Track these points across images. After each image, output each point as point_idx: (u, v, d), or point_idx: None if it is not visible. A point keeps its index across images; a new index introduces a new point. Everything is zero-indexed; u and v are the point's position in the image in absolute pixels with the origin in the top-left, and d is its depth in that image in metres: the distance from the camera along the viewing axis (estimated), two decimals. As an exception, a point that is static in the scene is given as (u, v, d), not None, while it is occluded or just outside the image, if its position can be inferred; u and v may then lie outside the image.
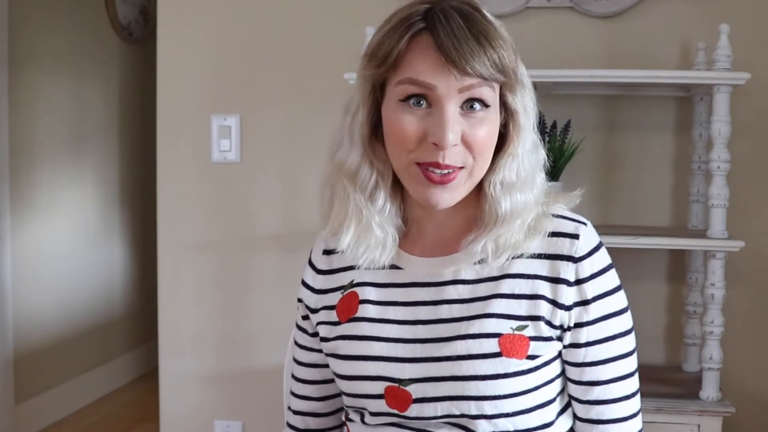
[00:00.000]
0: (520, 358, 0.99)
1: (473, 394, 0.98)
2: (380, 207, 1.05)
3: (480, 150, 0.98)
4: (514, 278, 1.02)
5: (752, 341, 2.16)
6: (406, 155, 0.99)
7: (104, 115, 3.88)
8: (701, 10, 2.11)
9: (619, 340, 1.03)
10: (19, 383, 3.26)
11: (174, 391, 2.39)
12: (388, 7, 1.06)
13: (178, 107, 2.34)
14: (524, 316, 1.01)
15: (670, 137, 2.17)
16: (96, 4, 3.76)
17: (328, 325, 1.11)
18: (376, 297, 1.08)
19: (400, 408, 1.02)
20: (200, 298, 2.37)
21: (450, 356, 1.00)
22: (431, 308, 1.04)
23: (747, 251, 1.94)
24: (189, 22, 2.33)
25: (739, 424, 2.08)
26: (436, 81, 0.95)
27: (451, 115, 0.96)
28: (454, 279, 1.04)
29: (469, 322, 1.01)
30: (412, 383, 1.01)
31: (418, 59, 0.97)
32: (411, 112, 0.98)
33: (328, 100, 2.25)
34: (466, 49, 0.94)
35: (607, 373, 1.03)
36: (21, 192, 3.28)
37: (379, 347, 1.04)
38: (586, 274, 1.02)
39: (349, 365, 1.06)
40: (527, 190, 1.03)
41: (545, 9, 2.16)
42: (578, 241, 1.02)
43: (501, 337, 0.99)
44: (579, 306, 1.02)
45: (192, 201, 2.36)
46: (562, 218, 1.05)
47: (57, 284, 3.52)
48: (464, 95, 0.96)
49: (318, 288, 1.15)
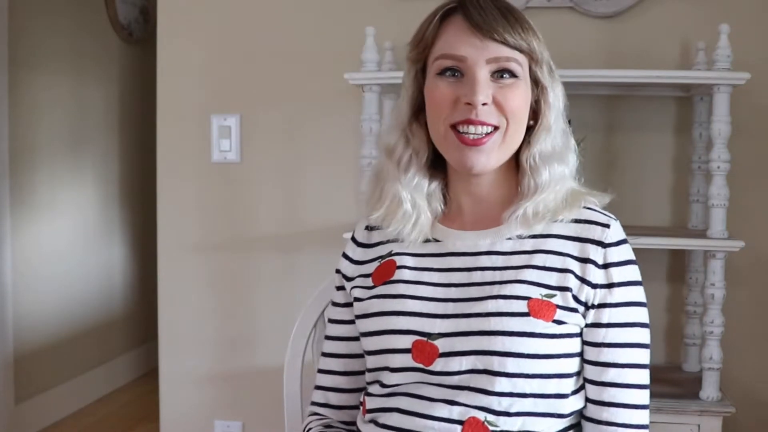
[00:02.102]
0: (547, 320, 1.04)
1: (498, 349, 1.03)
2: (412, 182, 1.13)
3: (512, 111, 1.07)
4: (546, 254, 1.09)
5: (752, 341, 2.16)
6: (443, 121, 1.08)
7: (104, 115, 3.88)
8: (701, 10, 2.11)
9: (638, 329, 1.08)
10: (19, 383, 3.26)
11: (174, 391, 2.39)
12: (388, 7, 1.08)
13: (178, 107, 2.34)
14: (553, 286, 1.07)
15: (670, 137, 2.17)
16: (96, 4, 3.76)
17: (362, 289, 1.17)
18: (413, 264, 1.14)
19: (425, 362, 1.06)
20: (200, 298, 2.37)
21: (480, 313, 1.06)
22: (465, 273, 1.10)
23: (747, 251, 1.94)
24: (189, 22, 2.33)
25: (739, 424, 2.08)
26: (465, 52, 1.06)
27: (481, 77, 1.06)
28: (489, 250, 1.11)
29: (501, 285, 1.07)
30: (441, 337, 1.06)
31: (450, 36, 1.08)
32: (446, 82, 1.08)
33: (328, 100, 2.25)
34: (491, 18, 1.06)
35: (624, 356, 1.07)
36: (21, 192, 3.28)
37: (412, 304, 1.10)
38: (614, 260, 1.08)
39: (380, 320, 1.11)
40: (562, 163, 1.12)
41: (545, 9, 2.16)
42: (609, 230, 1.10)
43: (530, 300, 1.05)
44: (604, 288, 1.08)
45: (192, 201, 2.36)
46: (594, 210, 1.13)
47: (57, 284, 3.52)
48: (492, 66, 1.06)
49: (356, 259, 1.22)
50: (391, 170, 1.15)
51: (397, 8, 2.14)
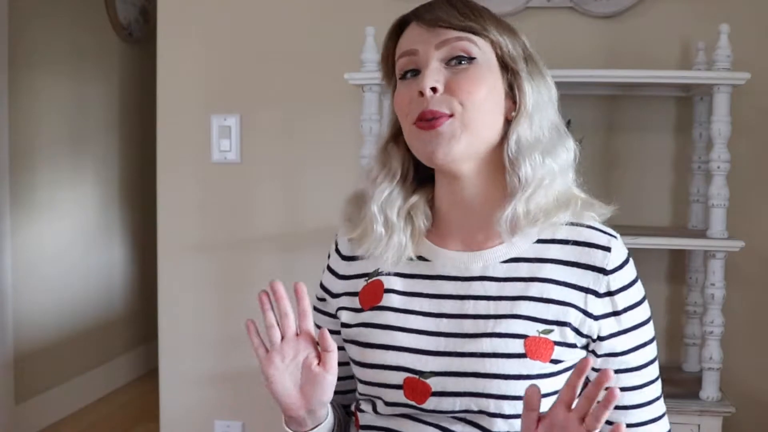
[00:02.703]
0: (544, 361, 1.00)
1: (494, 392, 0.99)
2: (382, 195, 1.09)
3: (466, 94, 1.02)
4: (543, 282, 1.04)
5: (752, 341, 2.16)
6: (407, 121, 1.05)
7: (104, 115, 3.88)
8: (701, 10, 2.11)
9: (644, 348, 1.06)
10: (19, 383, 3.26)
11: (174, 391, 2.39)
12: (388, 7, 1.09)
13: (178, 107, 2.34)
14: (551, 321, 1.02)
15: (670, 137, 2.17)
16: (96, 4, 3.76)
17: (349, 311, 1.13)
18: (402, 287, 1.09)
19: (417, 400, 1.03)
20: (200, 298, 2.37)
21: (474, 353, 1.01)
22: (457, 302, 1.05)
23: (747, 251, 1.94)
24: (189, 22, 2.33)
25: (739, 424, 2.08)
26: (415, 45, 1.05)
27: (431, 65, 1.03)
28: (481, 275, 1.06)
29: (496, 321, 1.02)
30: (433, 376, 1.02)
31: (404, 39, 1.08)
32: (406, 84, 1.06)
33: (328, 100, 2.25)
34: (436, 9, 1.05)
35: (633, 380, 1.06)
36: (21, 192, 3.28)
37: (402, 337, 1.05)
38: (617, 286, 1.04)
39: (370, 353, 1.07)
40: (549, 156, 1.05)
41: (545, 9, 2.15)
42: (610, 254, 1.04)
43: (527, 338, 1.01)
44: (609, 317, 1.04)
45: (192, 201, 2.36)
46: (594, 229, 1.07)
47: (57, 284, 3.52)
48: (444, 51, 1.04)
49: (342, 273, 1.17)
50: (369, 191, 1.11)
51: (397, 8, 2.13)
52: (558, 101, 1.11)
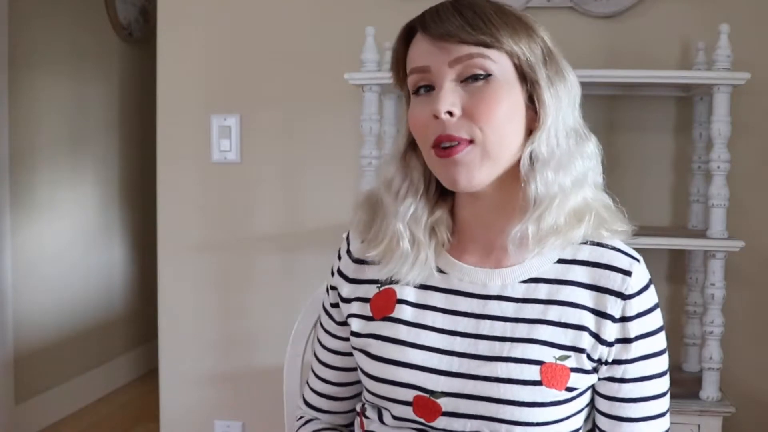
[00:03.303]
0: (560, 389, 0.98)
1: (507, 418, 0.97)
2: (408, 212, 1.04)
3: (485, 119, 0.96)
4: (562, 305, 1.00)
5: (752, 341, 2.16)
6: (426, 144, 1.00)
7: (104, 115, 3.88)
8: (701, 10, 2.11)
9: (654, 380, 1.03)
10: (19, 383, 3.26)
11: (174, 391, 2.39)
12: (388, 7, 1.07)
13: (178, 107, 2.34)
14: (568, 347, 0.99)
15: (670, 137, 2.17)
16: (96, 4, 3.76)
17: (360, 319, 1.09)
18: (415, 299, 1.06)
19: (427, 418, 1.00)
20: (200, 298, 2.37)
21: (489, 377, 0.98)
22: (473, 321, 1.02)
23: (747, 251, 1.94)
24: (189, 22, 2.33)
25: (739, 424, 2.08)
26: (427, 61, 0.99)
27: (445, 85, 0.97)
28: (499, 294, 1.02)
29: (512, 345, 0.99)
30: (445, 396, 0.99)
31: (414, 51, 1.02)
32: (421, 100, 1.01)
33: (328, 100, 2.25)
34: (444, 19, 0.98)
35: (638, 411, 1.02)
36: (21, 192, 3.28)
37: (413, 354, 1.02)
38: (633, 312, 1.01)
39: (380, 367, 1.04)
40: (562, 171, 1.00)
41: (545, 9, 2.16)
42: (630, 278, 1.01)
43: (543, 365, 0.98)
44: (620, 343, 1.01)
45: (192, 201, 2.36)
46: (616, 251, 1.04)
47: (57, 284, 3.52)
48: (458, 68, 0.98)
49: (352, 277, 1.12)
50: (390, 204, 1.05)
51: (397, 8, 2.14)
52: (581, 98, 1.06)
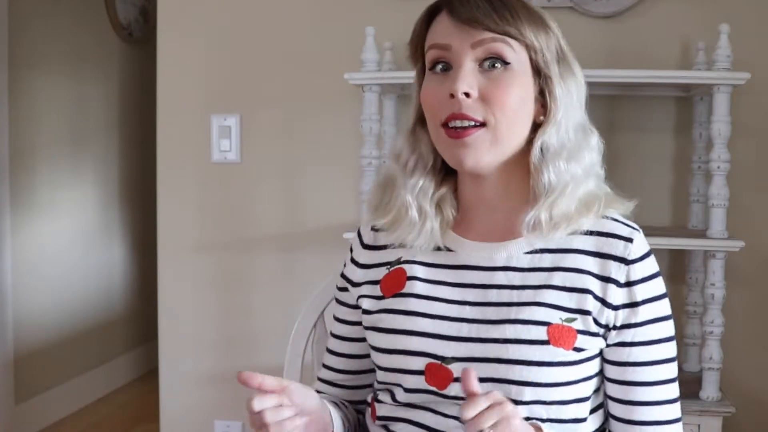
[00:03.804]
0: (567, 348, 1.00)
1: (517, 378, 0.99)
2: (416, 186, 1.09)
3: (501, 106, 1.01)
4: (566, 272, 1.04)
5: (752, 341, 2.16)
6: (435, 120, 1.04)
7: (104, 115, 3.88)
8: (701, 10, 2.11)
9: (664, 344, 1.06)
10: (19, 383, 3.26)
11: (174, 391, 2.39)
12: (388, 7, 1.08)
13: (178, 107, 2.34)
14: (574, 309, 1.02)
15: (670, 137, 2.17)
16: (96, 4, 3.75)
17: (370, 299, 1.13)
18: (425, 275, 1.09)
19: (439, 386, 1.03)
20: (200, 298, 2.37)
21: (497, 338, 1.01)
22: (480, 291, 1.06)
23: (747, 251, 1.94)
24: (189, 22, 2.33)
25: (739, 424, 2.08)
26: (449, 40, 1.03)
27: (465, 65, 1.01)
28: (505, 265, 1.06)
29: (519, 308, 1.02)
30: (455, 362, 1.02)
31: (437, 28, 1.05)
32: (436, 78, 1.05)
33: (328, 100, 2.25)
34: (473, 6, 1.01)
35: (651, 375, 1.05)
36: (21, 192, 3.28)
37: (424, 323, 1.05)
38: (637, 277, 1.04)
39: (391, 338, 1.07)
40: (574, 162, 1.05)
41: (545, 9, 2.14)
42: (632, 244, 1.05)
43: (550, 326, 1.01)
44: (627, 308, 1.04)
45: (192, 201, 2.36)
46: (616, 221, 1.08)
47: (57, 284, 3.52)
48: (479, 51, 1.01)
49: (363, 262, 1.17)
50: (399, 176, 1.11)
51: (397, 8, 2.14)
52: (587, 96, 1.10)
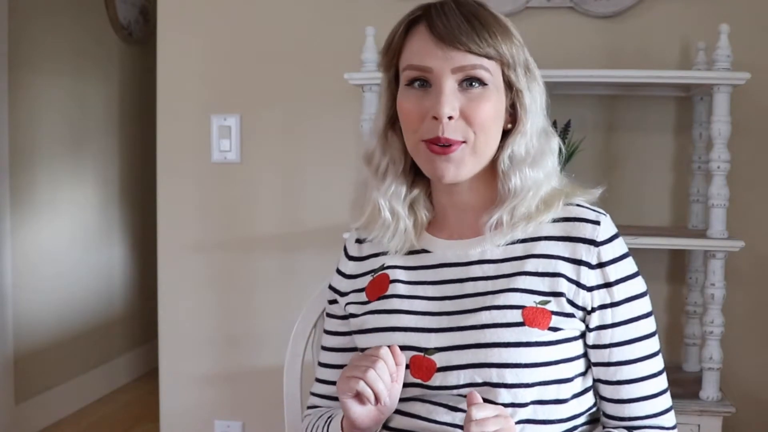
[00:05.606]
0: (542, 328, 1.03)
1: (496, 360, 1.02)
2: (389, 189, 1.13)
3: (480, 124, 1.05)
4: (538, 258, 1.08)
5: (752, 341, 2.16)
6: (414, 135, 1.07)
7: (104, 115, 3.88)
8: (701, 10, 2.11)
9: (642, 321, 1.08)
10: (19, 383, 3.26)
11: (174, 391, 2.39)
12: (388, 7, 1.08)
13: (178, 107, 2.34)
14: (547, 292, 1.06)
15: (670, 137, 2.17)
16: (96, 4, 3.76)
17: (357, 305, 1.18)
18: (406, 278, 1.14)
19: (424, 377, 1.06)
20: (200, 298, 2.37)
21: (475, 325, 1.05)
22: (458, 285, 1.10)
23: (747, 251, 1.94)
24: (189, 22, 2.33)
25: (739, 424, 2.08)
26: (431, 63, 1.05)
27: (447, 89, 1.04)
28: (480, 259, 1.10)
29: (494, 296, 1.06)
30: (437, 352, 1.06)
31: (416, 45, 1.07)
32: (414, 93, 1.07)
33: (328, 100, 2.25)
34: (454, 26, 1.03)
35: (634, 352, 1.08)
36: (21, 192, 3.28)
37: (407, 319, 1.10)
38: (608, 257, 1.07)
39: (377, 336, 1.11)
40: (537, 167, 1.09)
41: (545, 9, 2.16)
42: (599, 227, 1.08)
43: (524, 308, 1.04)
44: (602, 288, 1.07)
45: (192, 201, 2.36)
46: (582, 207, 1.12)
47: (57, 284, 3.52)
48: (459, 75, 1.04)
49: (349, 273, 1.22)
50: (371, 178, 1.15)
51: (397, 8, 2.13)
52: (547, 99, 1.13)
